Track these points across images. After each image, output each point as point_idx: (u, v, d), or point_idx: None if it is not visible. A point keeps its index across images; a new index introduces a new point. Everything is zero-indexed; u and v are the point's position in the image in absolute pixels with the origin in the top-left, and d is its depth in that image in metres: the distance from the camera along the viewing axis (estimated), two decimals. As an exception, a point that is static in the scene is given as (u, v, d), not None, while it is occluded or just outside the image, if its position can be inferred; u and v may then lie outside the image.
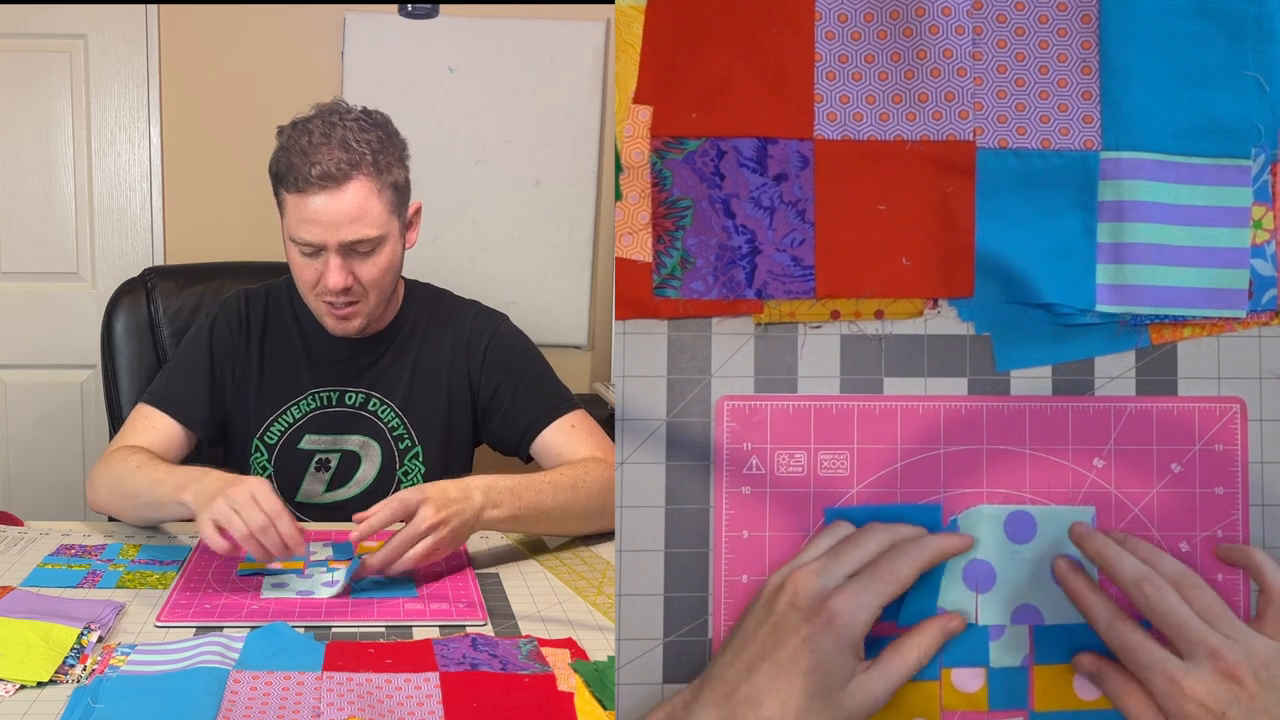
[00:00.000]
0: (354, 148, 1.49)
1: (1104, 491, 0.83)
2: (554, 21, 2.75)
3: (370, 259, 1.54)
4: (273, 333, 1.68)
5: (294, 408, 1.65)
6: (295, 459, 1.65)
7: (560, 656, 1.09)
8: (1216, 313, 0.83)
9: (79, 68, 2.66)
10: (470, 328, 1.70)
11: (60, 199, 2.68)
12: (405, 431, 1.67)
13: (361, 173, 1.49)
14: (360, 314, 1.59)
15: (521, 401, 1.66)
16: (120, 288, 2.07)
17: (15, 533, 1.52)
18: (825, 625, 0.74)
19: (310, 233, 1.50)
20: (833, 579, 0.75)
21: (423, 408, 1.67)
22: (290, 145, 1.51)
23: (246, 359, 1.67)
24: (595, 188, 2.84)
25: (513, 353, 1.71)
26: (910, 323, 0.83)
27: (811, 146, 0.82)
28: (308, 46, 2.70)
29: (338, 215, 1.49)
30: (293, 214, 1.52)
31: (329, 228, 1.50)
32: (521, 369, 1.69)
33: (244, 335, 1.68)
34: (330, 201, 1.49)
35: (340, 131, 1.50)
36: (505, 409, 1.67)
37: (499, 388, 1.67)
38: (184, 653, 1.06)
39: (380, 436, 1.66)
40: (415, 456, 1.67)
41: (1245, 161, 0.83)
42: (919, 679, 0.80)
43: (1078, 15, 0.83)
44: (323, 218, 1.49)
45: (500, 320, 1.74)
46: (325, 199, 1.49)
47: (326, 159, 1.48)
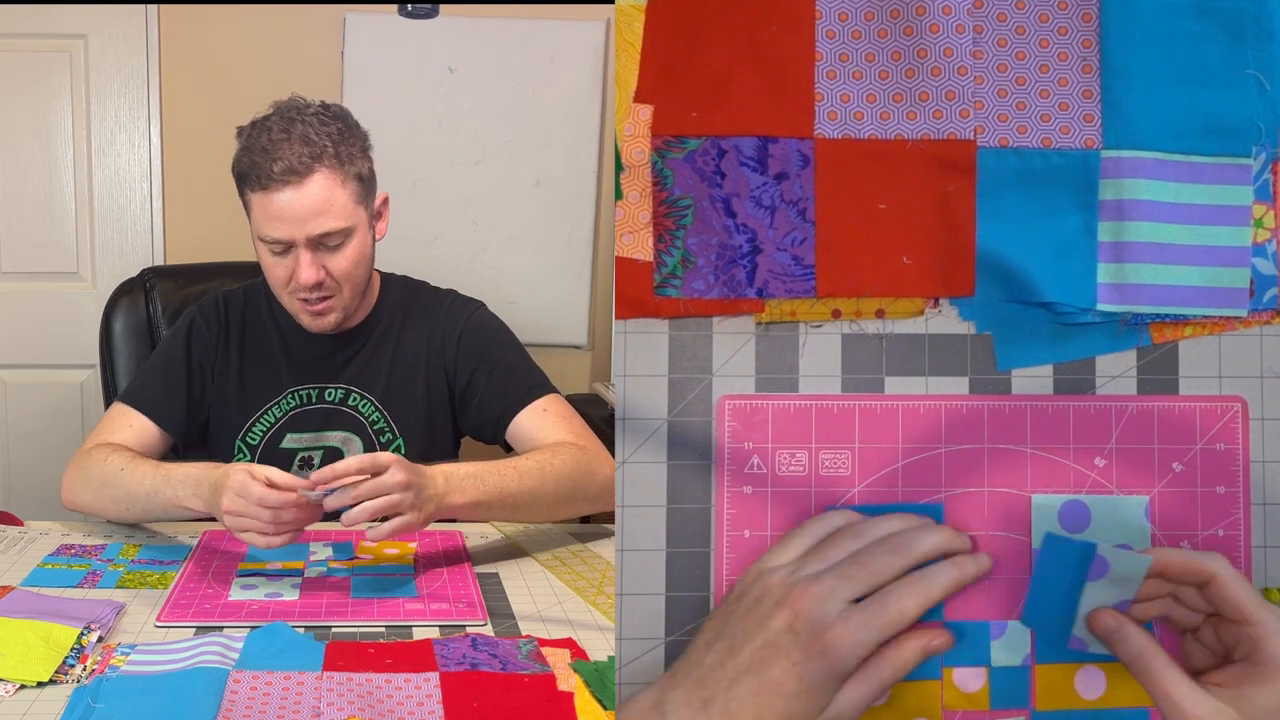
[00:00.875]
0: (314, 140, 1.49)
1: (1105, 491, 0.83)
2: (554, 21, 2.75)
3: (340, 252, 1.54)
4: (251, 333, 1.68)
5: (274, 407, 1.65)
6: (278, 458, 1.65)
7: (560, 656, 1.09)
8: (1217, 311, 0.83)
9: (79, 68, 2.66)
10: (445, 316, 1.70)
11: (60, 199, 2.68)
12: (386, 425, 1.66)
13: (324, 165, 1.49)
14: (335, 308, 1.59)
15: (495, 387, 1.65)
16: (119, 288, 2.07)
17: (15, 533, 1.51)
18: (819, 655, 0.71)
19: (277, 229, 1.50)
20: (835, 607, 0.72)
21: (403, 400, 1.67)
22: (251, 144, 1.51)
23: (226, 360, 1.66)
24: (595, 187, 2.84)
25: (486, 339, 1.70)
26: (911, 322, 0.83)
27: (812, 145, 0.82)
28: (308, 46, 2.70)
29: (303, 209, 1.49)
30: (259, 212, 1.52)
31: (295, 222, 1.49)
32: (495, 355, 1.68)
33: (223, 336, 1.67)
34: (295, 196, 1.48)
35: (300, 127, 1.49)
36: (480, 396, 1.66)
37: (474, 374, 1.66)
38: (184, 653, 1.06)
39: (361, 431, 1.66)
40: (398, 449, 1.67)
41: (1246, 160, 0.83)
42: (919, 678, 0.80)
43: (1078, 14, 0.83)
44: (288, 213, 1.49)
45: (475, 307, 1.73)
46: (290, 194, 1.48)
47: (288, 154, 1.48)
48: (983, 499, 0.82)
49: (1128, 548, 0.79)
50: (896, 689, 0.80)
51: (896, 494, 0.82)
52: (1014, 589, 0.82)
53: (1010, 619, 0.81)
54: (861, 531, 0.77)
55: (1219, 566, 0.73)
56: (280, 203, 1.49)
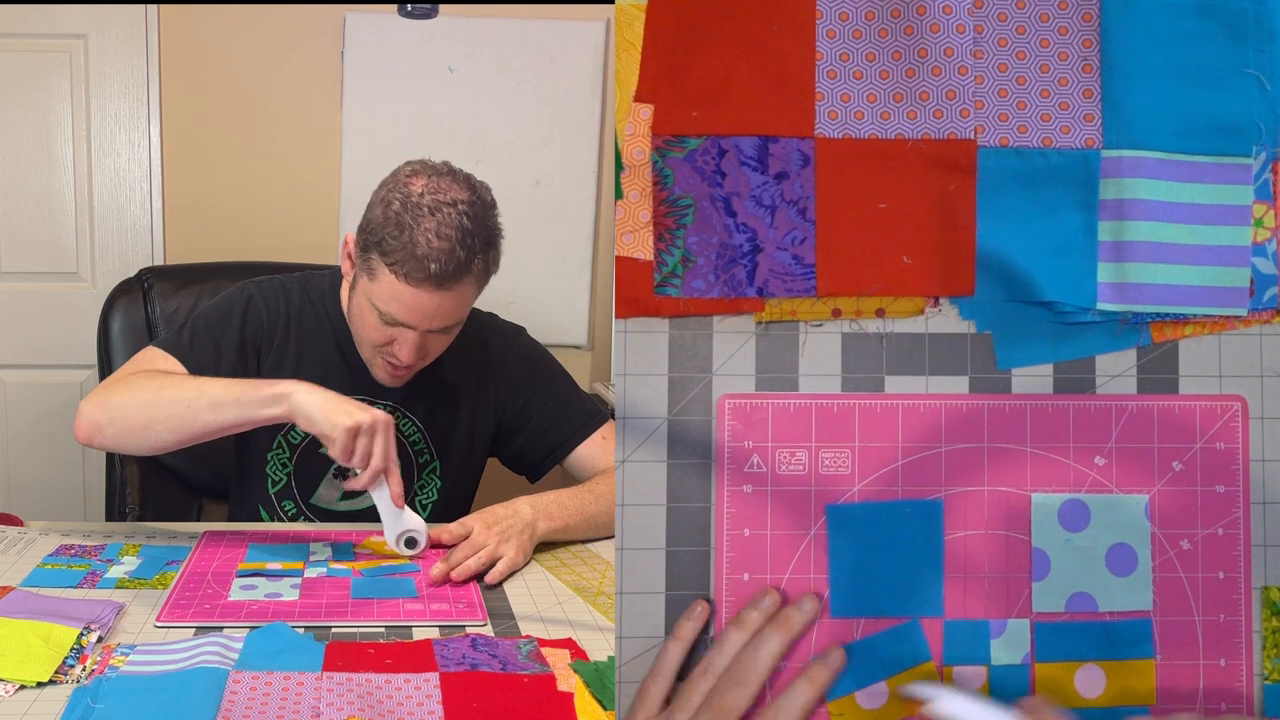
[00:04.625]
0: (471, 246, 1.45)
1: (1105, 490, 0.83)
2: (554, 21, 2.75)
3: (446, 335, 1.54)
4: (310, 328, 1.65)
5: None
6: (315, 462, 1.64)
7: (560, 656, 1.09)
8: (1218, 311, 0.83)
9: (79, 68, 2.66)
10: (494, 345, 1.70)
11: (60, 199, 2.68)
12: (426, 445, 1.66)
13: (470, 274, 1.47)
14: (414, 373, 1.59)
15: (550, 416, 1.68)
16: (117, 288, 2.06)
17: (15, 533, 1.51)
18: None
19: (403, 315, 1.47)
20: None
21: (444, 424, 1.67)
22: (401, 222, 1.44)
23: (284, 347, 1.63)
24: (595, 188, 2.84)
25: (538, 367, 1.72)
26: (911, 321, 0.83)
27: (813, 145, 0.82)
28: (308, 46, 2.70)
29: (437, 311, 1.47)
30: (386, 290, 1.47)
31: (424, 318, 1.48)
32: (545, 384, 1.70)
33: (283, 322, 1.63)
34: (435, 300, 1.46)
35: (456, 223, 1.44)
36: (534, 424, 1.68)
37: (527, 403, 1.68)
38: (184, 653, 1.06)
39: (402, 450, 1.65)
40: (433, 472, 1.67)
41: (1246, 160, 0.83)
42: (913, 668, 0.80)
43: (1079, 13, 0.83)
44: (421, 310, 1.47)
45: (519, 333, 1.75)
46: (430, 296, 1.45)
47: (443, 259, 1.43)
48: (982, 498, 0.82)
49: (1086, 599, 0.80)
50: (892, 687, 0.80)
51: (896, 493, 0.82)
52: (1014, 588, 0.82)
53: (1009, 618, 0.81)
54: (709, 666, 0.80)
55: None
56: (417, 299, 1.45)
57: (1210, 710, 0.83)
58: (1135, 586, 0.82)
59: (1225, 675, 0.83)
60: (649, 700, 0.80)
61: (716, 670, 0.80)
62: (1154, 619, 0.82)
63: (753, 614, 0.81)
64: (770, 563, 0.82)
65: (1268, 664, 0.83)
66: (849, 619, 0.82)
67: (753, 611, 0.81)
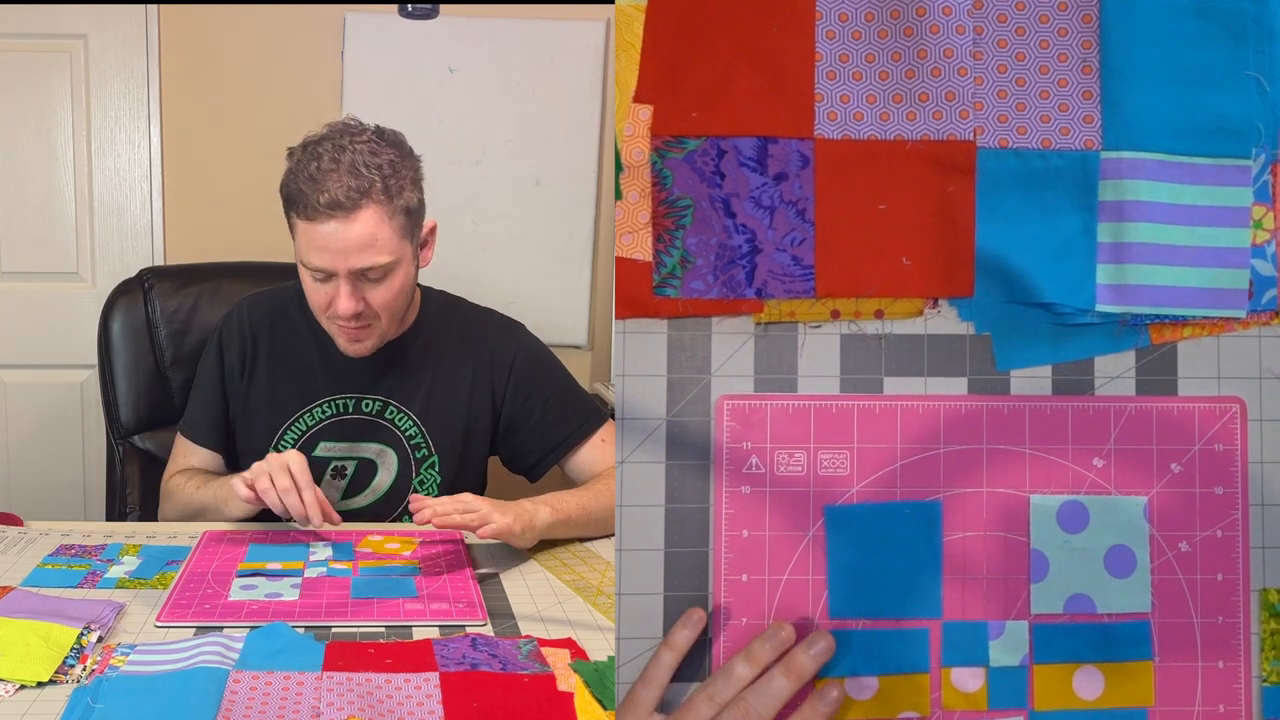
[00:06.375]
0: (364, 174, 1.47)
1: (1104, 491, 0.83)
2: (554, 21, 2.75)
3: (381, 284, 1.54)
4: (281, 340, 1.67)
5: (308, 414, 1.65)
6: (313, 464, 1.64)
7: (560, 656, 1.09)
8: (1216, 312, 0.83)
9: (79, 68, 2.66)
10: (493, 339, 1.71)
11: (60, 199, 2.68)
12: (423, 440, 1.66)
13: (371, 200, 1.47)
14: (372, 335, 1.59)
15: (551, 415, 1.68)
16: (117, 288, 2.06)
17: (15, 533, 1.51)
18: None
19: (320, 259, 1.50)
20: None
21: (441, 417, 1.67)
22: (299, 169, 1.49)
23: (254, 367, 1.67)
24: (595, 188, 2.84)
25: (540, 365, 1.72)
26: (910, 322, 0.83)
27: (812, 146, 0.82)
28: (308, 46, 2.70)
29: (347, 243, 1.48)
30: (303, 239, 1.51)
31: (338, 255, 1.49)
32: (547, 383, 1.71)
33: (251, 345, 1.68)
34: (340, 229, 1.47)
35: (350, 155, 1.47)
36: (534, 422, 1.68)
37: (527, 400, 1.69)
38: (184, 653, 1.06)
39: (398, 445, 1.66)
40: (431, 466, 1.67)
41: (1245, 161, 0.83)
42: (909, 672, 0.80)
43: (1078, 15, 0.83)
44: (332, 245, 1.48)
45: (519, 328, 1.75)
46: (335, 226, 1.47)
47: (335, 186, 1.46)
48: (981, 499, 0.82)
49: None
50: (885, 683, 0.80)
51: (895, 494, 0.82)
52: (1012, 590, 0.82)
53: (1008, 619, 0.82)
54: (714, 695, 0.80)
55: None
56: (324, 234, 1.47)
57: (1208, 713, 0.83)
58: (1134, 588, 0.82)
59: (1224, 677, 0.83)
60: (639, 708, 0.80)
61: (720, 701, 0.79)
62: (1152, 621, 0.82)
63: (765, 647, 0.79)
64: (769, 564, 0.82)
65: (1266, 666, 0.83)
66: (848, 620, 0.82)
67: (765, 645, 0.79)
